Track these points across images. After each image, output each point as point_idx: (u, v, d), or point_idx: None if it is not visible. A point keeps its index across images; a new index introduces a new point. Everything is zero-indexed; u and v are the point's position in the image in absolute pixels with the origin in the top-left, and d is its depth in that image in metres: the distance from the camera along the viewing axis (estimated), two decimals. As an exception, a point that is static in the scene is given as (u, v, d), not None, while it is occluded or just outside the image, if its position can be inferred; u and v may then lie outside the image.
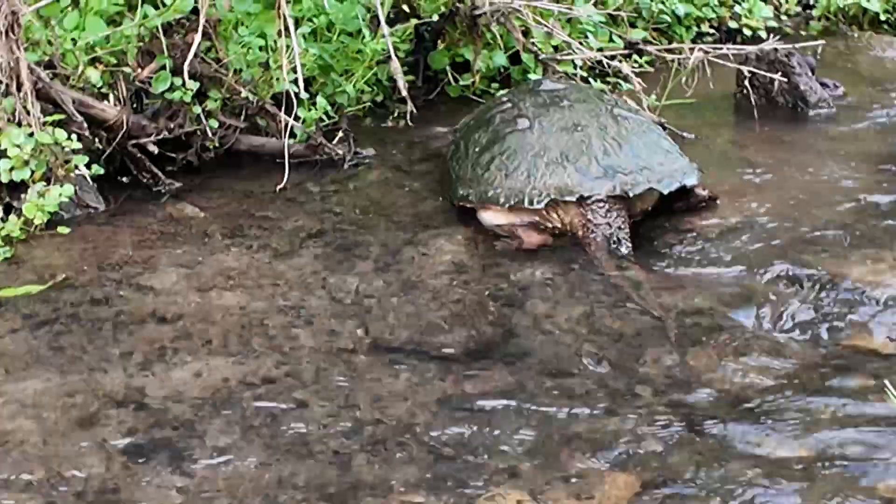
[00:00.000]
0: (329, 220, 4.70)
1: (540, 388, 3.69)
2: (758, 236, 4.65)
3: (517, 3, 5.64)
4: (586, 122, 4.71)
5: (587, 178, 4.55)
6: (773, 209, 4.87)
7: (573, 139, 4.64)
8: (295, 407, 3.57)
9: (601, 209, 4.51)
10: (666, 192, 4.63)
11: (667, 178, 4.65)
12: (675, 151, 4.80)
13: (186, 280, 4.19)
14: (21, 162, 4.43)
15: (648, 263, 4.46)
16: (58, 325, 3.90)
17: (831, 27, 7.38)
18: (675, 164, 4.72)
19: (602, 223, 4.50)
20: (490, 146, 4.73)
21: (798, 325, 4.07)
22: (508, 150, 4.66)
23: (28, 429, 3.42)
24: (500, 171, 4.62)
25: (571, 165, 4.56)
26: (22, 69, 4.43)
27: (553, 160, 4.58)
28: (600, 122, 4.73)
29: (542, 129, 4.70)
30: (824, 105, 5.99)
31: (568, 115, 4.75)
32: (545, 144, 4.63)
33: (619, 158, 4.60)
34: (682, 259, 4.50)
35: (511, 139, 4.70)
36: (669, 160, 4.71)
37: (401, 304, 4.07)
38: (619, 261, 4.46)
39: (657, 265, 4.46)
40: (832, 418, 3.57)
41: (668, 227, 4.73)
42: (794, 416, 3.58)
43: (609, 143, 4.64)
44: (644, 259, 4.49)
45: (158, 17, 4.91)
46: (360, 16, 5.36)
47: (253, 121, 5.10)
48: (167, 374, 3.68)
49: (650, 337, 3.98)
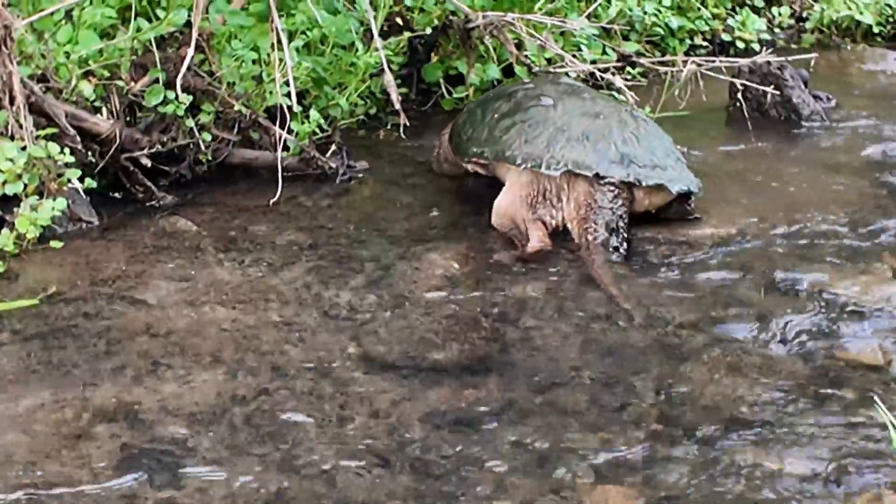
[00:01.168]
0: (322, 234, 4.70)
1: (532, 403, 3.68)
2: (750, 248, 4.66)
3: (510, 16, 5.65)
4: (608, 113, 4.84)
5: (605, 160, 4.66)
6: (766, 221, 4.89)
7: (595, 124, 4.76)
8: (287, 421, 3.56)
9: (610, 193, 4.62)
10: (675, 191, 4.74)
11: (677, 181, 4.75)
12: (683, 161, 4.92)
13: (179, 294, 4.19)
14: (14, 176, 4.43)
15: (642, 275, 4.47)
16: (50, 340, 3.90)
17: (824, 40, 7.41)
18: (684, 172, 4.83)
19: (606, 207, 4.61)
20: (511, 114, 4.85)
21: (790, 338, 4.07)
22: (531, 121, 4.78)
23: (19, 443, 3.41)
24: (520, 137, 4.74)
25: (591, 145, 4.68)
26: (15, 83, 4.43)
27: (574, 137, 4.69)
28: (621, 116, 4.86)
29: (565, 109, 4.83)
30: (817, 118, 6.01)
31: (590, 105, 4.89)
32: (568, 122, 4.75)
33: (636, 150, 4.72)
34: (675, 271, 4.51)
35: (534, 112, 4.82)
36: (679, 166, 4.83)
37: (393, 319, 4.07)
38: (608, 252, 4.56)
39: (650, 277, 4.47)
40: (824, 431, 3.57)
41: (662, 239, 4.74)
42: (787, 429, 3.58)
43: (628, 136, 4.76)
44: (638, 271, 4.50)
45: (151, 30, 4.92)
46: (353, 29, 5.38)
47: (246, 134, 5.11)
48: (159, 389, 3.67)
49: (642, 351, 3.98)
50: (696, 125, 5.84)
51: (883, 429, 3.44)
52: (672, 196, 4.78)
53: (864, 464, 3.42)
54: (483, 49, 5.92)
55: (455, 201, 5.05)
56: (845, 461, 3.42)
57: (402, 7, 5.78)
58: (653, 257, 4.62)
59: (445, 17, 5.80)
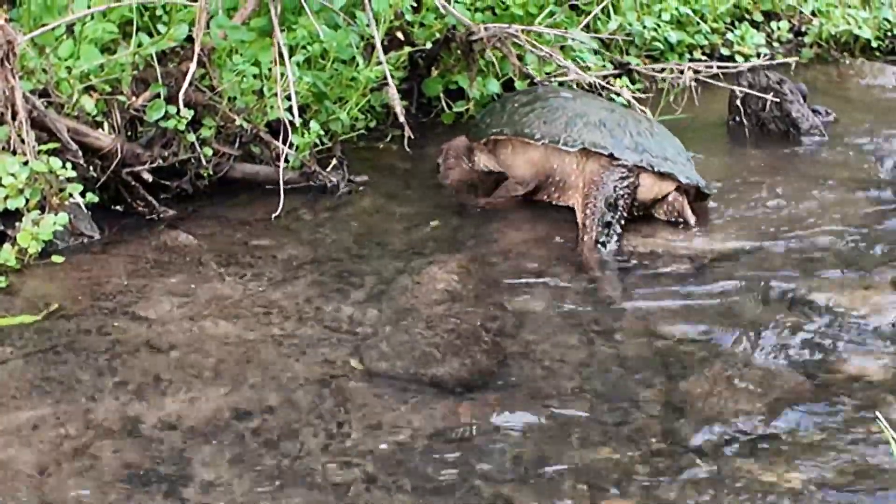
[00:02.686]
0: (323, 248, 4.71)
1: (533, 417, 3.69)
2: (749, 262, 4.67)
3: (514, 28, 5.68)
4: (623, 111, 5.15)
5: (620, 144, 4.92)
6: (765, 235, 4.90)
7: (612, 116, 5.04)
8: (289, 436, 3.56)
9: (619, 173, 4.87)
10: (683, 181, 4.96)
11: (685, 174, 4.99)
12: (692, 163, 5.16)
13: (180, 309, 4.19)
14: (16, 190, 4.43)
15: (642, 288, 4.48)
16: (52, 355, 3.90)
17: (823, 54, 7.41)
18: (693, 170, 5.07)
19: (610, 185, 4.84)
20: (531, 104, 5.15)
21: (790, 352, 4.08)
22: (550, 107, 5.08)
23: (22, 458, 3.41)
24: (539, 119, 5.03)
25: (608, 131, 4.95)
26: (17, 98, 4.44)
27: (591, 122, 4.98)
28: (635, 115, 5.18)
29: (583, 102, 5.15)
30: (816, 132, 6.02)
31: (607, 104, 5.24)
32: (586, 111, 5.04)
33: (649, 142, 4.98)
34: (675, 284, 4.52)
35: (554, 101, 5.14)
36: (689, 164, 5.09)
37: (394, 333, 4.07)
38: (603, 232, 4.77)
39: (651, 290, 4.47)
40: (825, 446, 3.58)
41: (662, 252, 4.75)
42: (787, 443, 3.59)
43: (643, 129, 5.03)
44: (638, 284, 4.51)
45: (153, 45, 4.93)
46: (353, 44, 5.38)
47: (247, 149, 5.11)
48: (161, 404, 3.67)
49: (644, 365, 3.99)
50: (695, 139, 5.84)
51: (884, 443, 3.44)
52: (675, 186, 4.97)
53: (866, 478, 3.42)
54: (483, 64, 5.93)
55: (455, 215, 5.05)
56: (847, 475, 3.42)
57: (403, 21, 5.79)
58: (653, 270, 4.63)
59: (447, 30, 5.81)
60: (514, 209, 5.06)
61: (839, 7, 7.45)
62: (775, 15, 7.44)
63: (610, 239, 4.74)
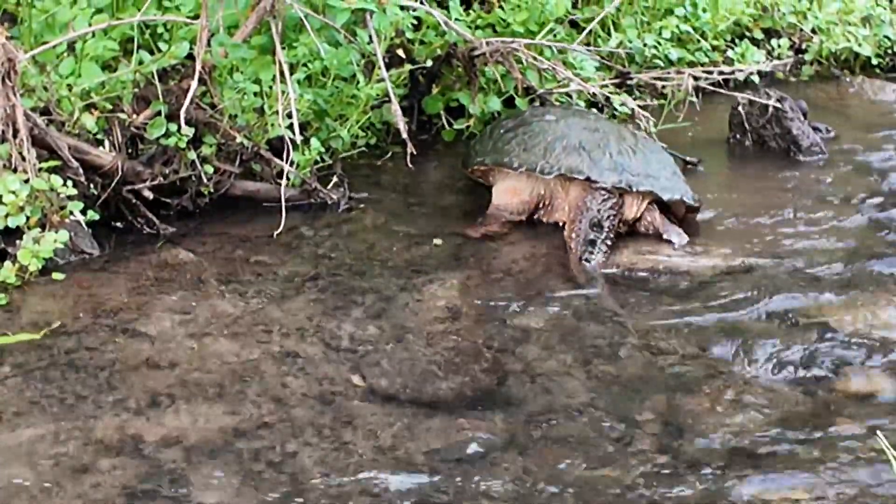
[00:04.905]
0: (323, 266, 4.71)
1: (534, 435, 3.68)
2: (750, 280, 4.67)
3: (516, 42, 5.70)
4: (607, 129, 5.15)
5: (598, 166, 4.94)
6: (766, 253, 4.90)
7: (592, 136, 5.05)
8: (290, 454, 3.56)
9: (601, 196, 4.89)
10: (665, 198, 4.97)
11: (668, 190, 4.99)
12: (681, 176, 5.16)
13: (181, 326, 4.19)
14: (16, 208, 4.43)
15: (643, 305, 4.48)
16: (52, 373, 3.90)
17: (823, 71, 7.42)
18: (679, 184, 5.07)
19: (594, 209, 4.85)
20: (515, 129, 5.17)
21: (791, 370, 4.07)
22: (531, 132, 5.10)
23: (22, 476, 3.41)
24: (519, 146, 5.06)
25: (586, 153, 4.97)
26: (18, 115, 4.44)
27: (570, 146, 5.00)
28: (620, 133, 5.17)
29: (566, 124, 5.14)
30: (817, 149, 6.02)
31: (592, 122, 5.22)
32: (566, 133, 5.05)
33: (630, 161, 4.99)
34: (676, 301, 4.52)
35: (536, 125, 5.16)
36: (674, 178, 5.08)
37: (395, 351, 4.07)
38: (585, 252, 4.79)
39: (652, 307, 4.47)
40: (826, 464, 3.57)
41: (663, 269, 4.75)
42: (788, 461, 3.59)
43: (624, 148, 5.03)
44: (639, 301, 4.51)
45: (154, 63, 4.94)
46: (354, 61, 5.39)
47: (248, 166, 5.11)
48: (162, 422, 3.67)
49: (645, 383, 3.99)
50: (696, 156, 5.85)
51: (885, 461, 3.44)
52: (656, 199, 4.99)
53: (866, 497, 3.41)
54: (484, 81, 5.94)
55: (456, 232, 5.05)
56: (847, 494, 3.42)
57: (403, 39, 5.80)
58: (654, 288, 4.63)
59: (448, 47, 5.83)
60: (514, 228, 5.06)
61: (839, 24, 7.46)
62: (775, 32, 7.44)
63: (594, 256, 4.75)
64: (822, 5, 7.53)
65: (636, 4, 6.87)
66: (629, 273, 4.75)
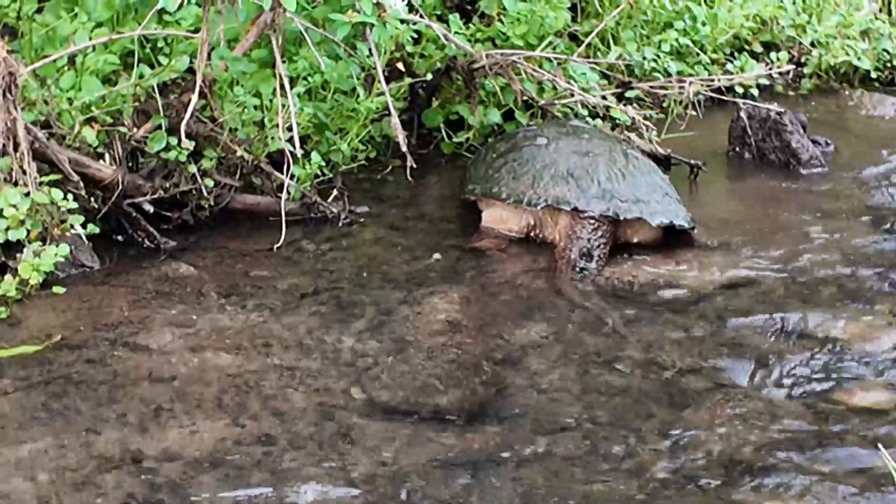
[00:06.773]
0: (324, 279, 4.71)
1: (534, 449, 3.68)
2: (751, 293, 4.67)
3: (516, 54, 5.71)
4: (598, 152, 5.10)
5: (585, 195, 4.91)
6: (766, 266, 4.90)
7: (581, 162, 5.02)
8: (290, 467, 3.56)
9: (590, 225, 4.87)
10: (654, 223, 4.94)
11: (658, 214, 4.95)
12: (674, 196, 5.10)
13: (181, 340, 4.19)
14: (17, 222, 4.43)
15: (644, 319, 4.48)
16: (53, 386, 3.90)
17: (823, 85, 7.43)
18: (670, 206, 5.02)
19: (584, 238, 4.85)
20: (506, 154, 5.15)
21: (792, 383, 4.08)
22: (521, 159, 5.08)
23: (23, 490, 3.40)
24: (508, 174, 5.04)
25: (574, 182, 4.95)
26: (18, 129, 4.44)
27: (558, 174, 4.98)
28: (611, 155, 5.12)
29: (556, 148, 5.12)
30: (816, 162, 6.03)
31: (584, 144, 5.16)
32: (555, 160, 5.03)
33: (619, 187, 4.96)
34: (676, 315, 4.52)
35: (526, 151, 5.13)
36: (665, 201, 5.03)
37: (395, 364, 4.07)
38: (578, 274, 4.78)
39: (652, 321, 4.47)
40: (828, 477, 3.57)
41: (663, 283, 4.75)
42: (790, 474, 3.58)
43: (614, 173, 5.00)
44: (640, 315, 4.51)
45: (154, 76, 4.94)
46: (354, 75, 5.40)
47: (248, 180, 5.11)
48: (163, 435, 3.67)
49: (645, 396, 3.99)
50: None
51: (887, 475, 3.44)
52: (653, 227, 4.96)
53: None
54: (483, 94, 5.95)
55: (456, 245, 5.06)
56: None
57: (403, 53, 5.81)
58: (654, 301, 4.63)
59: (448, 60, 5.84)
60: (514, 242, 5.07)
61: (838, 38, 7.47)
62: (775, 46, 7.45)
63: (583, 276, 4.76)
64: (821, 19, 7.54)
65: (635, 18, 6.88)
66: (629, 286, 4.75)
